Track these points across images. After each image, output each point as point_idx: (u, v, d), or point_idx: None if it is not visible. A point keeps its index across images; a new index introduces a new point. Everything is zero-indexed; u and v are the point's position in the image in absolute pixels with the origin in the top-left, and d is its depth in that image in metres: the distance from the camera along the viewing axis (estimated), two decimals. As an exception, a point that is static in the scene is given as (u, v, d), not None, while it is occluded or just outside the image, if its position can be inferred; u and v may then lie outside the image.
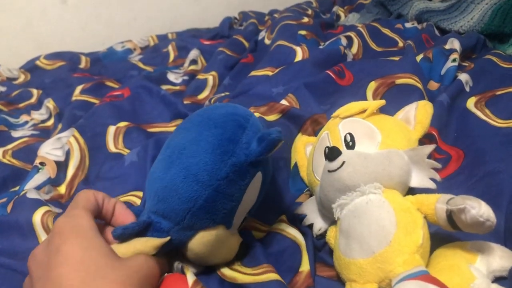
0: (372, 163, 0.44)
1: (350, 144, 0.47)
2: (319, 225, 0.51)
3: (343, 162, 0.43)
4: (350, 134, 0.48)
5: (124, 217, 0.45)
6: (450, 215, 0.39)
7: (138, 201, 0.57)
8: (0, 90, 1.14)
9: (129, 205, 0.57)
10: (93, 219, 0.40)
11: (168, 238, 0.42)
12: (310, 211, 0.52)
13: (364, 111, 0.51)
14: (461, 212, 0.38)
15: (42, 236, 0.52)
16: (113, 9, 1.59)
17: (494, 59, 0.89)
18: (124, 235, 0.41)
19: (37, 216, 0.53)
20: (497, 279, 0.41)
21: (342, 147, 0.47)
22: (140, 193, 0.59)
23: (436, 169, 0.44)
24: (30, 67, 1.27)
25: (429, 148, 0.44)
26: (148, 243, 0.42)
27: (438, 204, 0.40)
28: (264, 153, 0.42)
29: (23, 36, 1.48)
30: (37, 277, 0.36)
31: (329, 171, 0.44)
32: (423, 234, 0.39)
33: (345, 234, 0.43)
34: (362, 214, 0.42)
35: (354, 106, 0.51)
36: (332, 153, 0.44)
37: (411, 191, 0.46)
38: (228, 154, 0.42)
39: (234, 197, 0.43)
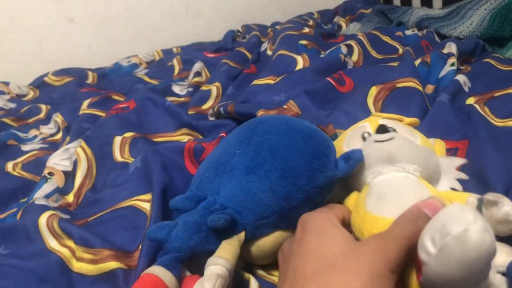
0: (417, 149, 0.46)
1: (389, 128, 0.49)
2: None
3: (392, 137, 0.46)
4: (393, 128, 0.49)
5: None
6: (479, 210, 0.40)
7: (143, 205, 0.58)
8: (10, 107, 1.17)
9: (135, 210, 0.59)
10: (338, 217, 0.40)
11: (243, 232, 0.44)
12: None
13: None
14: (494, 205, 0.39)
15: (47, 237, 0.53)
16: (119, 25, 1.62)
17: (493, 62, 0.90)
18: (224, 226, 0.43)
19: (43, 219, 0.55)
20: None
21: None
22: (144, 197, 0.60)
23: None
24: (39, 84, 1.31)
25: (461, 161, 0.48)
26: (234, 242, 0.44)
27: (470, 198, 0.42)
28: (350, 171, 0.46)
29: (32, 54, 1.52)
30: (281, 265, 0.39)
31: (376, 141, 0.46)
32: None
33: (378, 195, 0.42)
34: (399, 186, 0.43)
35: (392, 115, 0.54)
36: (383, 127, 0.48)
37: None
38: (325, 166, 0.47)
39: (317, 206, 0.46)
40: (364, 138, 0.48)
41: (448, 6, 1.35)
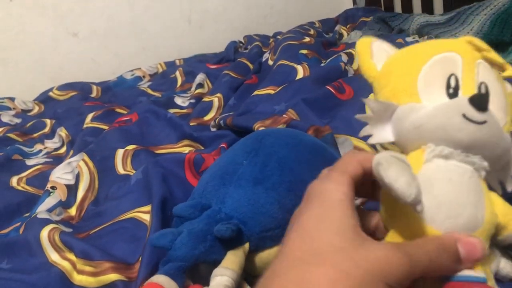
0: (503, 144, 0.36)
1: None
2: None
3: (486, 121, 0.34)
4: (486, 88, 0.37)
5: None
6: None
7: (144, 217, 0.59)
8: (15, 122, 1.19)
9: (136, 222, 0.59)
10: (350, 185, 0.32)
11: (247, 243, 0.44)
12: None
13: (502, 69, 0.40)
14: None
15: (49, 250, 0.54)
16: (122, 39, 1.65)
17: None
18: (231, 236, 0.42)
19: (45, 232, 0.56)
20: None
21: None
22: (145, 208, 0.60)
23: None
24: (44, 99, 1.33)
25: None
26: (239, 253, 0.43)
27: None
28: None
29: (36, 70, 1.54)
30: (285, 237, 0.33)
31: (466, 117, 0.33)
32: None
33: (430, 186, 0.34)
34: (459, 188, 0.34)
35: (495, 56, 0.40)
36: (482, 99, 0.34)
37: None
38: None
39: None
40: (449, 88, 0.36)
41: (449, 12, 1.35)
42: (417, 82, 0.37)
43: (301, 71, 0.99)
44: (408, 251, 0.28)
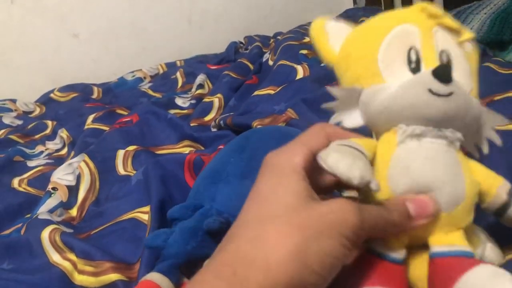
0: (473, 112, 0.35)
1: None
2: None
3: (453, 92, 0.33)
4: (448, 56, 0.36)
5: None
6: (504, 206, 0.36)
7: (144, 217, 0.59)
8: (17, 123, 1.19)
9: (136, 222, 0.59)
10: (306, 157, 0.32)
11: None
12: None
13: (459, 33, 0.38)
14: None
15: (50, 251, 0.54)
16: (123, 41, 1.65)
17: (493, 66, 0.90)
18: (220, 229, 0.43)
19: (46, 233, 0.56)
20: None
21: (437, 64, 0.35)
22: (145, 209, 0.61)
23: None
24: (45, 100, 1.33)
25: (503, 121, 0.38)
26: None
27: (500, 190, 0.36)
28: None
29: (38, 72, 1.55)
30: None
31: (432, 92, 0.33)
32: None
33: (405, 167, 0.34)
34: (436, 162, 0.34)
35: (450, 22, 0.37)
36: (446, 71, 0.33)
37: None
38: None
39: None
40: (410, 63, 0.35)
41: (449, 11, 1.35)
42: (378, 62, 0.36)
43: (301, 71, 1.00)
44: (359, 206, 0.29)
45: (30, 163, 0.90)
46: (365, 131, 0.37)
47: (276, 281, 0.26)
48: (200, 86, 1.17)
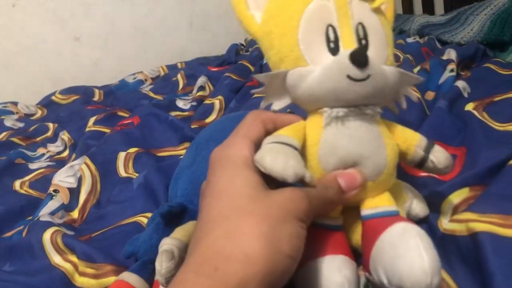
0: (390, 84, 0.37)
1: (363, 43, 0.37)
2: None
3: (369, 76, 0.35)
4: (364, 29, 0.37)
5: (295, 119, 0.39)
6: (421, 160, 0.41)
7: (145, 221, 0.59)
8: (18, 126, 1.19)
9: (138, 226, 0.60)
10: (250, 148, 0.35)
11: None
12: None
13: None
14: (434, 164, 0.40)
15: (51, 253, 0.54)
16: (124, 43, 1.65)
17: (493, 66, 0.90)
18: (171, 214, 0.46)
19: (47, 235, 0.56)
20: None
21: (354, 45, 0.36)
22: (149, 214, 0.61)
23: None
24: (46, 103, 1.33)
25: (418, 79, 0.41)
26: (187, 226, 0.46)
27: (418, 148, 0.40)
28: None
29: (39, 74, 1.55)
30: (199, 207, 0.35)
31: (351, 78, 0.34)
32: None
33: (333, 146, 0.37)
34: (359, 139, 0.37)
35: None
36: (362, 59, 0.34)
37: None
38: None
39: None
40: (329, 42, 0.36)
41: (450, 12, 1.36)
42: (298, 43, 0.36)
43: (301, 73, 1.00)
44: (305, 190, 0.33)
45: (32, 166, 0.90)
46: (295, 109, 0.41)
47: (255, 270, 0.28)
48: (201, 88, 1.17)
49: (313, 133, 0.37)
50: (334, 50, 0.36)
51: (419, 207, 0.45)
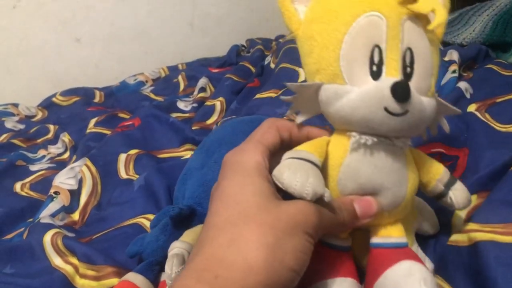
0: (427, 119, 0.36)
1: (408, 71, 0.34)
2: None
3: (407, 111, 0.33)
4: (411, 55, 0.35)
5: (319, 134, 0.38)
6: (440, 194, 0.40)
7: (147, 223, 0.59)
8: (19, 128, 1.19)
9: (139, 227, 0.59)
10: (264, 154, 0.34)
11: None
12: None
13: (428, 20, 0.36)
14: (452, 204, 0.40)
15: (52, 255, 0.54)
16: (125, 44, 1.65)
17: (495, 67, 0.90)
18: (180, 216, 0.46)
19: (48, 237, 0.56)
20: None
21: (398, 73, 0.34)
22: (150, 216, 0.61)
23: None
24: (47, 104, 1.33)
25: (456, 111, 0.40)
26: (196, 229, 0.46)
27: (439, 183, 0.40)
28: None
29: (40, 76, 1.55)
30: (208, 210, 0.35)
31: (387, 110, 0.32)
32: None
33: (355, 175, 0.36)
34: (383, 167, 0.36)
35: (419, 7, 0.34)
36: (404, 94, 0.32)
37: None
38: None
39: None
40: (372, 65, 0.34)
41: (451, 13, 1.35)
42: (340, 58, 0.34)
43: (303, 74, 0.99)
44: (317, 206, 0.32)
45: (32, 167, 0.90)
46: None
47: (256, 281, 0.27)
48: (202, 89, 1.17)
49: (336, 153, 0.36)
50: (376, 75, 0.34)
51: (429, 225, 0.45)
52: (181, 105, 1.11)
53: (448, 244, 0.42)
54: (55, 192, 0.71)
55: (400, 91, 0.32)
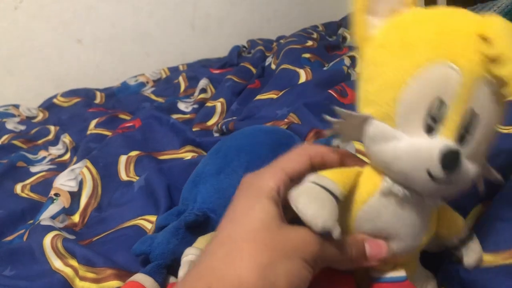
0: (464, 188, 0.33)
1: (465, 136, 0.31)
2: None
3: (451, 181, 0.31)
4: (473, 119, 0.30)
5: (355, 162, 0.37)
6: (453, 248, 0.39)
7: (147, 225, 0.59)
8: (20, 129, 1.19)
9: (139, 229, 0.59)
10: (281, 182, 0.34)
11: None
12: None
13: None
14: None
15: (52, 257, 0.54)
16: (126, 46, 1.65)
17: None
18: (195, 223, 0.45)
19: (48, 239, 0.56)
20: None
21: (454, 136, 0.30)
22: (149, 217, 0.61)
23: None
24: (48, 105, 1.34)
25: (499, 180, 0.37)
26: (209, 236, 0.45)
27: (455, 238, 0.38)
28: None
29: (41, 77, 1.55)
30: None
31: (430, 174, 0.30)
32: None
33: (375, 220, 0.35)
34: (406, 217, 0.34)
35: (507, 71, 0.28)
36: (453, 165, 0.30)
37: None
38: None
39: None
40: (430, 118, 0.30)
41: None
42: (398, 100, 0.30)
43: (303, 75, 0.99)
44: (322, 237, 0.31)
45: (33, 169, 0.90)
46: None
47: None
48: (203, 90, 1.17)
49: (363, 189, 0.34)
50: (430, 129, 0.30)
51: (435, 245, 0.41)
52: (181, 106, 1.11)
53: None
54: (56, 194, 0.70)
55: (450, 160, 0.29)
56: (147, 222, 0.61)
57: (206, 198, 0.48)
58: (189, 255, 0.42)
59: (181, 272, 0.41)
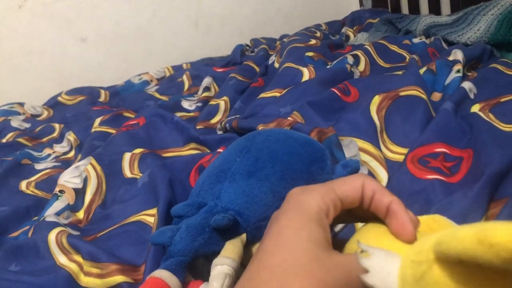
0: None
1: None
2: None
3: None
4: None
5: (400, 226, 0.32)
6: None
7: (150, 220, 0.60)
8: (25, 127, 1.20)
9: (142, 225, 0.60)
10: (332, 203, 0.33)
11: (245, 234, 0.45)
12: None
13: None
14: None
15: (56, 253, 0.55)
16: (130, 44, 1.66)
17: (500, 67, 0.90)
18: (228, 225, 0.43)
19: (52, 235, 0.57)
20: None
21: None
22: (151, 211, 0.61)
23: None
24: (53, 104, 1.34)
25: None
26: (237, 243, 0.43)
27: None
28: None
29: (46, 75, 1.56)
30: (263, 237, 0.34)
31: None
32: None
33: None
34: None
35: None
36: None
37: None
38: (323, 170, 0.50)
39: None
40: None
41: (456, 12, 1.35)
42: None
43: (306, 74, 1.00)
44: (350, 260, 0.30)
45: (38, 166, 0.91)
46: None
47: None
48: (206, 89, 1.18)
49: None
50: None
51: None
52: (185, 104, 1.12)
53: None
54: (60, 191, 0.71)
55: None
56: (149, 217, 0.61)
57: (234, 198, 0.46)
58: (224, 265, 0.40)
59: (217, 284, 0.38)
